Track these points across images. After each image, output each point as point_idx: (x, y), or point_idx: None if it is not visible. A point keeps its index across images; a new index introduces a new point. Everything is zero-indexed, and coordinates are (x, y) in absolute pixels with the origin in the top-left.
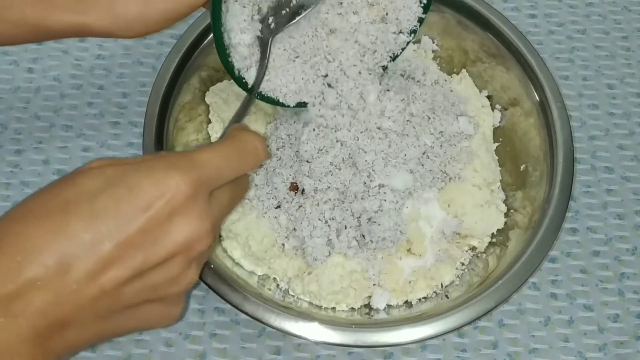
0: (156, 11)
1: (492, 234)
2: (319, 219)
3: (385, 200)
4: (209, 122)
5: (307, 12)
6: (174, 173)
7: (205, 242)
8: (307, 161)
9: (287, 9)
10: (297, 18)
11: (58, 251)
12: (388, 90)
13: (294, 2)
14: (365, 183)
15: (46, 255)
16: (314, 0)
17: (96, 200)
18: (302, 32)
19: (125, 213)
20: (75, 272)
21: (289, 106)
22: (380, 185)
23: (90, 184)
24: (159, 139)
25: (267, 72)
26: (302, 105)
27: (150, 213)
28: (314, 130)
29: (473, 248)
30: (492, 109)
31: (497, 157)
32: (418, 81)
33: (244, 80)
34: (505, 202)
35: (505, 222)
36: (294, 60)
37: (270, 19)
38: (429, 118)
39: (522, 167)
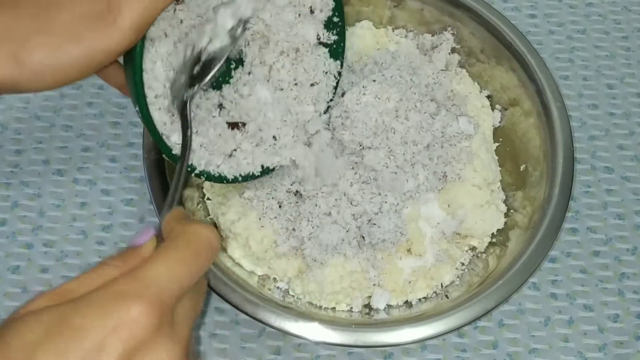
0: (68, 58)
1: (492, 234)
2: (319, 220)
3: (385, 202)
4: None
5: (220, 64)
6: (128, 303)
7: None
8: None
9: (198, 66)
10: (212, 72)
11: None
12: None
13: (204, 56)
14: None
15: None
16: (226, 51)
17: (34, 356)
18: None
19: None
20: None
21: (237, 181)
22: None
23: (26, 335)
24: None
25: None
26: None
27: (106, 359)
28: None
29: (473, 248)
30: (492, 109)
31: (497, 157)
32: (415, 82)
33: (173, 152)
34: (505, 202)
35: (505, 222)
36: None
37: (182, 78)
38: (431, 118)
39: (522, 167)
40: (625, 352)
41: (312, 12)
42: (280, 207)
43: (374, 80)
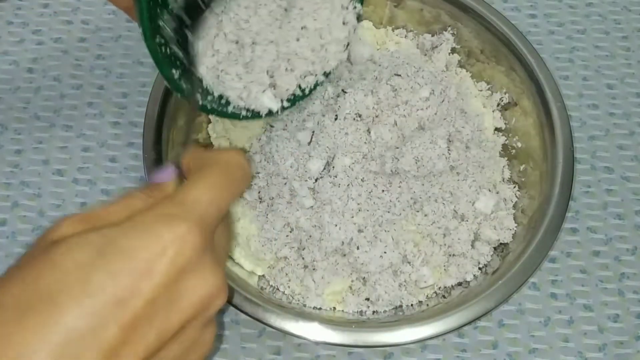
0: None
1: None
2: (322, 222)
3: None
4: (209, 121)
5: None
6: (172, 225)
7: (223, 297)
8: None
9: None
10: None
11: (54, 352)
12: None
13: None
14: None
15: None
16: None
17: (87, 278)
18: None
19: (126, 286)
20: None
21: (245, 117)
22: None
23: (76, 258)
24: (159, 139)
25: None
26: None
27: (155, 279)
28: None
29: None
30: (492, 110)
31: (497, 157)
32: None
33: (181, 84)
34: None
35: None
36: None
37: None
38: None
39: (522, 167)
40: (626, 352)
41: None
42: (280, 207)
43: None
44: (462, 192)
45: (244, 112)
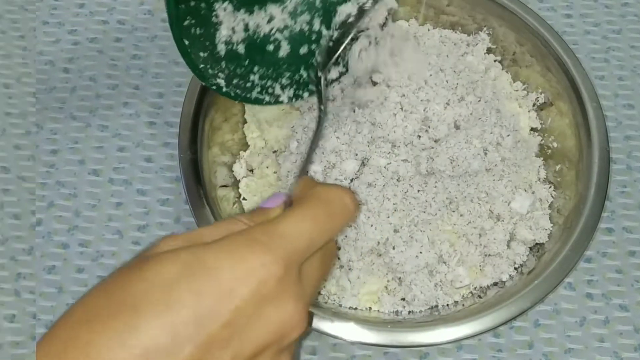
0: None
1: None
2: (358, 222)
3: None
4: (245, 122)
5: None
6: (258, 252)
7: (299, 329)
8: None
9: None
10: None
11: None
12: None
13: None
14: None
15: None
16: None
17: (171, 293)
18: None
19: (206, 306)
20: None
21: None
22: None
23: (164, 272)
24: (194, 138)
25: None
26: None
27: (235, 302)
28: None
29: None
30: (528, 109)
31: (533, 157)
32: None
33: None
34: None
35: None
36: None
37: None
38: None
39: (557, 167)
40: None
41: None
42: None
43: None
44: (498, 192)
45: (267, 98)
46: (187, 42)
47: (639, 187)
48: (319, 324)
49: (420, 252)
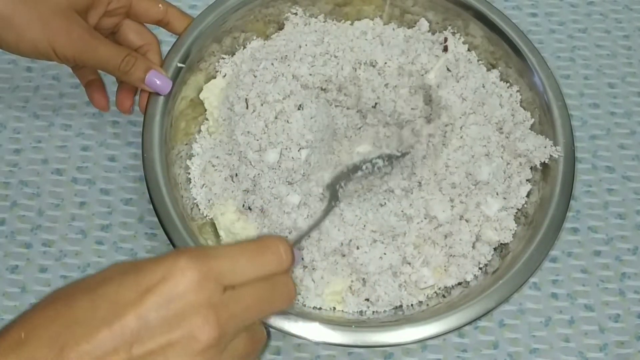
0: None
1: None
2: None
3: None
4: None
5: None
6: (180, 257)
7: (208, 333)
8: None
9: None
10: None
11: (57, 333)
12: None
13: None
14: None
15: (45, 335)
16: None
17: (102, 285)
18: None
19: (123, 297)
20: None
21: None
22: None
23: (106, 273)
24: (158, 138)
25: None
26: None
27: (147, 297)
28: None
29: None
30: None
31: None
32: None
33: None
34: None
35: None
36: None
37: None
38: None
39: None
40: (626, 352)
41: None
42: (271, 209)
43: None
44: (470, 198)
45: None
46: None
47: (604, 186)
48: (283, 324)
49: (385, 254)
